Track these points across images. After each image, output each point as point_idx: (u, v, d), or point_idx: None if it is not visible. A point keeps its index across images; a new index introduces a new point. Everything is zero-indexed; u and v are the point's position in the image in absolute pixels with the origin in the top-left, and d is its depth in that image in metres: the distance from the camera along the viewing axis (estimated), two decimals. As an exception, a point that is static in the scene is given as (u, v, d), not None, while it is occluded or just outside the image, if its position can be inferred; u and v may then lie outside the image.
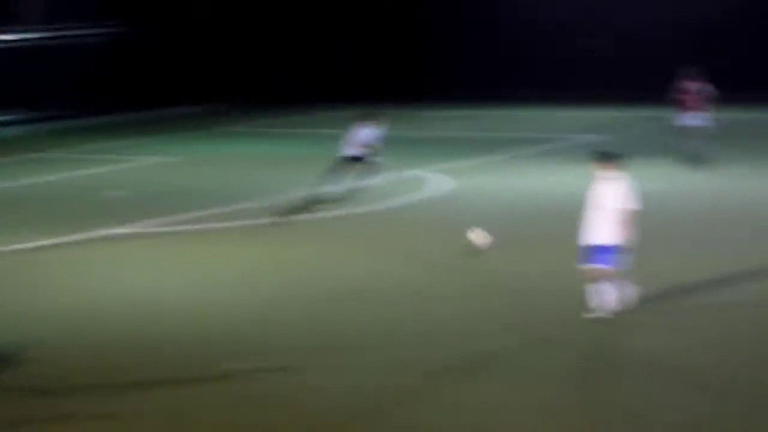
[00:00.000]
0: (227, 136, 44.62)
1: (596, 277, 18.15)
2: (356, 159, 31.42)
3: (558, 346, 17.04)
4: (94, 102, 49.79)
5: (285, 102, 54.79)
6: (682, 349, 16.65)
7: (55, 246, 24.77)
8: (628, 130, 42.14)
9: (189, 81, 53.09)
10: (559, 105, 50.53)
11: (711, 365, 15.88)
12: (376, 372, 16.11)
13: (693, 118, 34.42)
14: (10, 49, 49.38)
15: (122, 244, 25.06)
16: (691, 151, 33.37)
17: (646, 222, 20.02)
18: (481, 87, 57.02)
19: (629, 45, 56.19)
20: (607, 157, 18.73)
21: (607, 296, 18.11)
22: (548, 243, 23.68)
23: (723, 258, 21.87)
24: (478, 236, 22.36)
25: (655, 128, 41.25)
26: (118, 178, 34.26)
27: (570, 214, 22.10)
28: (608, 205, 18.13)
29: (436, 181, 31.90)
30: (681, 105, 34.61)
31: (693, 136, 33.92)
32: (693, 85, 34.65)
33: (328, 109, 51.77)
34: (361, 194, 29.98)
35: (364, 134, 31.60)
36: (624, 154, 19.57)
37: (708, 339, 17.21)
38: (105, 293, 20.86)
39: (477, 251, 22.71)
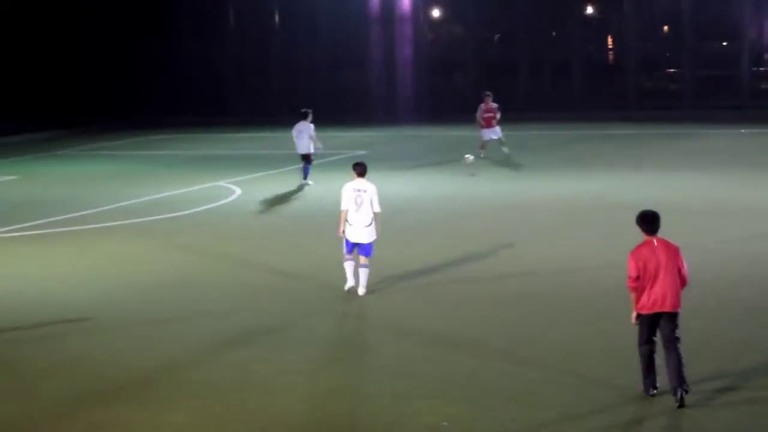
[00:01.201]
0: (53, 158, 44.29)
1: (357, 264, 19.01)
2: (306, 156, 32.75)
3: (326, 317, 17.98)
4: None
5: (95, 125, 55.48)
6: (430, 316, 17.60)
7: None
8: (393, 145, 43.60)
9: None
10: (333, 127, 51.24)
11: (451, 328, 16.84)
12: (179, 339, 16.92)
13: (493, 133, 37.13)
14: None
15: None
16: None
17: (410, 217, 21.79)
18: (263, 112, 58.67)
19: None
20: (360, 166, 19.27)
21: (363, 279, 18.96)
22: (312, 238, 24.48)
23: (463, 245, 22.88)
24: (468, 159, 31.32)
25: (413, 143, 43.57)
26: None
27: (332, 214, 24.34)
28: (363, 207, 18.82)
29: (225, 191, 32.29)
30: (486, 123, 37.11)
31: (491, 147, 36.29)
32: (492, 106, 37.22)
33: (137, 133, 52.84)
34: (169, 202, 30.30)
35: (309, 130, 32.68)
36: (382, 164, 21.33)
37: (449, 305, 18.15)
38: None
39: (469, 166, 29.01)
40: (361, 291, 19.08)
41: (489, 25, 60.57)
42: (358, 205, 18.88)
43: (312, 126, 33.13)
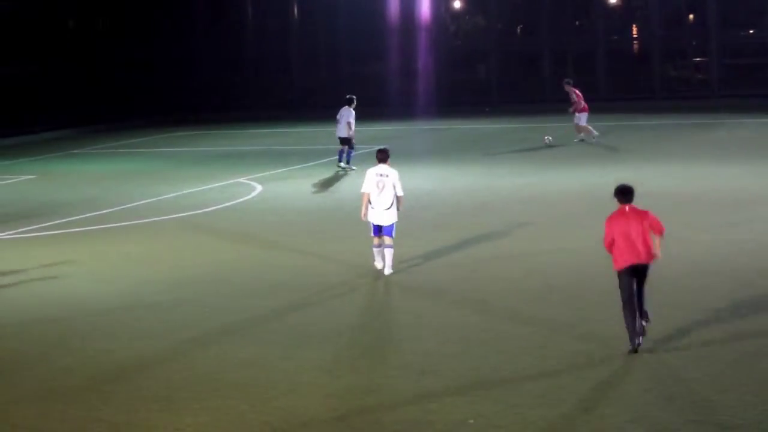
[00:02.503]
0: (71, 157, 44.49)
1: (381, 245, 20.16)
2: (345, 140, 34.39)
3: (349, 314, 18.20)
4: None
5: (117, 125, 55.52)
6: (453, 312, 17.77)
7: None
8: (412, 139, 43.62)
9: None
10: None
11: (476, 323, 17.22)
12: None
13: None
14: None
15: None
16: None
17: (430, 212, 22.14)
18: (283, 107, 58.81)
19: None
20: (383, 152, 20.44)
21: (389, 259, 20.13)
22: (333, 234, 24.54)
23: (485, 239, 23.02)
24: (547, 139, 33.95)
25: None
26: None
27: (353, 210, 24.42)
28: (386, 191, 19.92)
29: (246, 187, 32.33)
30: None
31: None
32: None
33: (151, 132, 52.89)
34: (189, 200, 30.46)
35: (348, 116, 34.41)
36: (402, 158, 21.61)
37: (473, 301, 18.18)
38: None
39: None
40: (387, 271, 20.13)
41: (511, 15, 60.44)
42: (380, 189, 19.98)
43: (353, 113, 34.81)
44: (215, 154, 42.74)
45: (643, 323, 15.27)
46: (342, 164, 34.82)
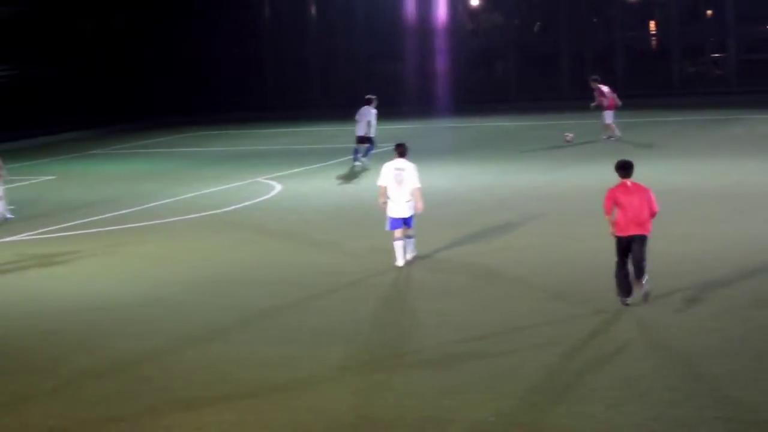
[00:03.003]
0: (90, 157, 44.70)
1: (402, 237, 20.73)
2: (362, 138, 35.07)
3: (370, 313, 18.28)
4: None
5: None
6: (474, 309, 17.84)
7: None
8: (430, 138, 43.16)
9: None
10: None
11: (496, 321, 17.29)
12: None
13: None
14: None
15: (16, 248, 24.92)
16: None
17: (449, 210, 22.34)
18: (301, 106, 58.91)
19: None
20: (401, 147, 21.21)
21: (411, 246, 20.93)
22: (352, 233, 24.56)
23: (505, 237, 23.18)
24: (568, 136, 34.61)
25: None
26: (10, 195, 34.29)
27: (372, 208, 24.47)
28: (404, 184, 20.61)
29: (264, 187, 32.39)
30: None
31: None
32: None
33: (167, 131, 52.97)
34: (208, 200, 30.59)
35: (368, 115, 35.05)
36: (419, 157, 21.84)
37: (494, 298, 18.40)
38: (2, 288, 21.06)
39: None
40: (409, 256, 20.97)
41: (529, 12, 60.36)
42: (399, 182, 20.67)
43: (374, 112, 35.40)
44: (234, 154, 42.80)
45: (642, 282, 17.01)
46: (362, 159, 35.26)
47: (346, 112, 50.84)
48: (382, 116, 36.44)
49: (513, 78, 58.16)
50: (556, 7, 57.39)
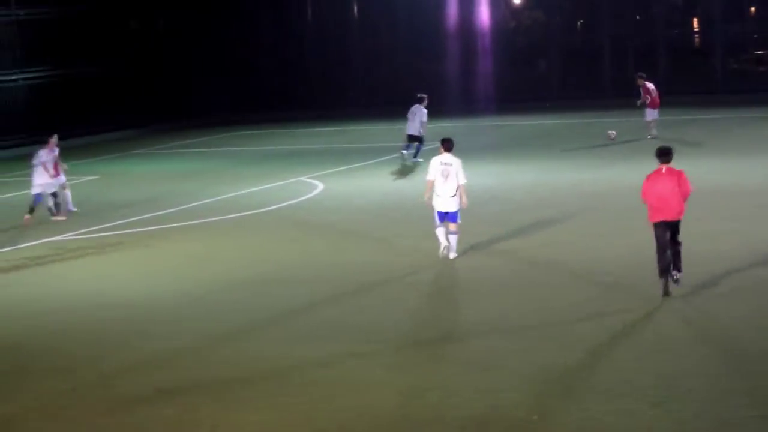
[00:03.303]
0: (132, 157, 44.91)
1: (447, 231, 21.07)
2: (413, 137, 35.38)
3: (412, 312, 18.58)
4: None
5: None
6: (516, 307, 17.82)
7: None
8: (471, 136, 43.60)
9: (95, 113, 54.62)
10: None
11: (539, 318, 17.43)
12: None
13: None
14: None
15: (65, 249, 25.18)
16: None
17: (491, 208, 22.42)
18: (344, 104, 58.96)
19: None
20: (447, 141, 21.54)
21: (454, 243, 21.19)
22: (395, 232, 24.61)
23: (548, 234, 23.30)
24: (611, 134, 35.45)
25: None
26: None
27: (415, 207, 24.52)
28: (450, 179, 21.00)
29: (307, 186, 32.43)
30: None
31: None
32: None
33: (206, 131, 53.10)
34: (249, 199, 30.75)
35: (421, 114, 35.44)
36: (461, 155, 21.95)
37: (537, 295, 18.47)
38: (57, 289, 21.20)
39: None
40: (452, 255, 21.16)
41: (571, 10, 60.09)
42: (445, 177, 21.06)
43: (425, 111, 35.59)
44: (275, 153, 42.89)
45: (674, 274, 17.58)
46: (406, 156, 35.68)
47: (388, 111, 50.95)
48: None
49: (555, 76, 57.95)
50: (598, 4, 57.11)
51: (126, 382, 15.12)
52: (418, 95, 36.33)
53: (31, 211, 28.99)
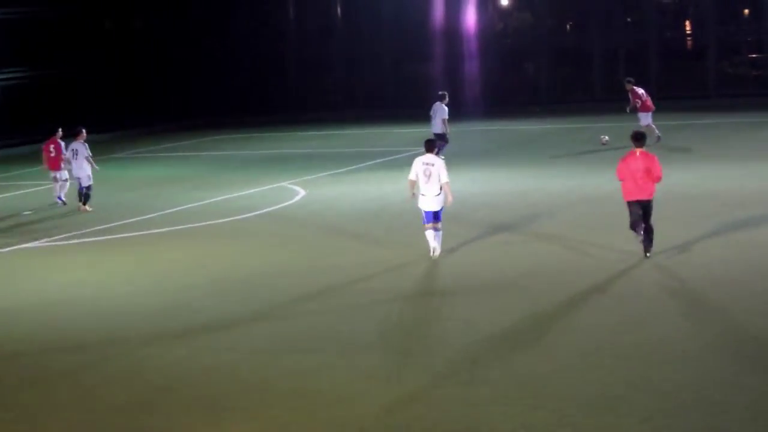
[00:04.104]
0: (112, 161, 44.61)
1: (433, 230, 21.91)
2: (439, 135, 35.96)
3: (395, 322, 18.52)
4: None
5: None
6: (502, 317, 17.86)
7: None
8: (459, 141, 43.78)
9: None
10: (396, 123, 51.68)
11: (525, 330, 17.52)
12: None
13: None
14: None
15: (38, 255, 25.27)
16: None
17: (479, 215, 22.38)
18: (323, 109, 58.98)
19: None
20: (430, 142, 22.59)
21: (438, 241, 22.08)
22: (377, 240, 24.61)
23: (537, 243, 23.61)
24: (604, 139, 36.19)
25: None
26: (29, 199, 34.73)
27: (398, 214, 24.60)
28: (432, 178, 21.77)
29: (288, 192, 32.52)
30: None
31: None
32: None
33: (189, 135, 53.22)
34: (230, 205, 30.77)
35: (443, 112, 36.40)
36: (449, 161, 22.13)
37: (523, 306, 18.74)
38: (27, 295, 21.15)
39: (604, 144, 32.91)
40: (437, 252, 22.08)
41: (560, 12, 60.28)
42: (428, 176, 21.89)
43: (446, 109, 36.54)
44: (257, 158, 42.93)
45: (647, 243, 20.37)
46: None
47: (372, 115, 51.05)
48: (410, 120, 36.57)
49: (544, 79, 58.09)
50: (588, 6, 57.28)
51: (104, 393, 15.09)
52: (439, 92, 37.65)
53: (86, 200, 31.83)
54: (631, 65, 55.23)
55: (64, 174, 32.83)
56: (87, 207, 31.64)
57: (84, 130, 32.82)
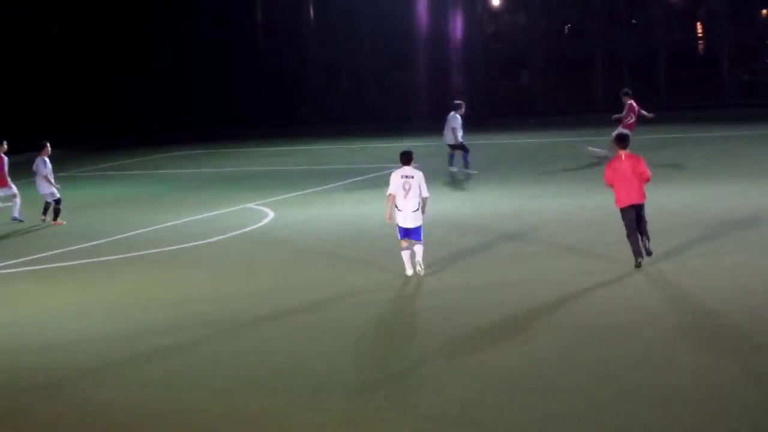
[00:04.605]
0: (58, 181, 45.01)
1: (409, 247, 22.51)
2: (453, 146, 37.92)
3: (371, 356, 18.47)
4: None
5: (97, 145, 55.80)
6: (497, 352, 18.08)
7: None
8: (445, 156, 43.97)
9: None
10: (377, 136, 51.79)
11: (521, 366, 17.68)
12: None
13: None
14: None
15: None
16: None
17: (468, 239, 22.24)
18: (298, 122, 58.99)
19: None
20: (406, 155, 22.66)
21: (419, 256, 22.61)
22: (353, 267, 24.51)
23: (532, 270, 23.54)
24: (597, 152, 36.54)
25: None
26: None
27: (377, 238, 24.50)
28: (411, 193, 22.22)
29: (255, 214, 32.47)
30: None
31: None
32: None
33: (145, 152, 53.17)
34: (189, 229, 30.72)
35: (452, 122, 37.88)
36: (435, 179, 22.14)
37: (520, 340, 18.58)
38: None
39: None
40: (418, 269, 22.67)
41: (557, 13, 60.42)
42: (406, 191, 22.31)
43: (458, 118, 38.00)
44: (221, 176, 42.85)
45: (647, 243, 22.00)
46: (462, 169, 37.89)
47: (349, 129, 50.97)
48: (392, 133, 36.60)
49: (539, 88, 58.15)
50: (588, 6, 57.38)
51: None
52: (454, 101, 39.04)
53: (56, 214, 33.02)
54: (636, 72, 55.30)
55: (11, 190, 33.14)
56: (60, 221, 32.80)
57: (47, 145, 33.45)
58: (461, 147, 38.21)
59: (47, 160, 33.13)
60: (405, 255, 22.59)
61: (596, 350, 17.25)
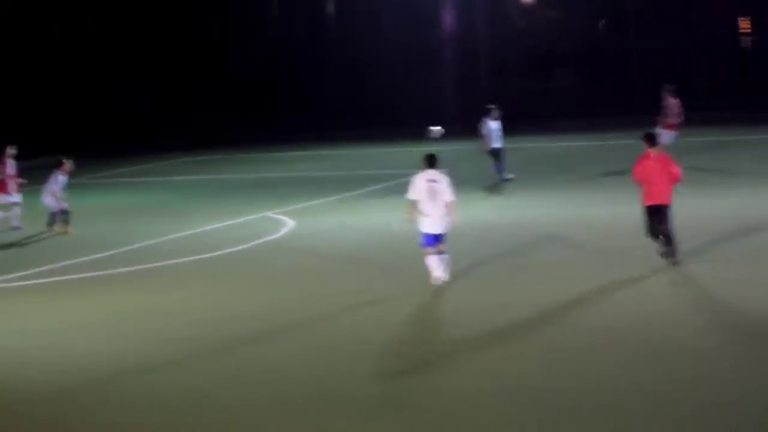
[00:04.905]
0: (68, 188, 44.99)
1: (435, 252, 22.59)
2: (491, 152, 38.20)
3: (389, 374, 18.32)
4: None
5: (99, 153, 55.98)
6: (519, 370, 17.78)
7: None
8: (473, 162, 42.59)
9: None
10: (399, 141, 51.71)
11: (541, 385, 17.32)
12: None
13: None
14: None
15: None
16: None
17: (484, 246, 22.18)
18: (311, 128, 58.96)
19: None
20: (431, 158, 22.86)
21: (445, 264, 22.83)
22: (376, 280, 24.54)
23: (554, 282, 22.96)
24: None
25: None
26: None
27: (398, 249, 24.61)
28: (437, 198, 22.37)
29: (273, 223, 32.50)
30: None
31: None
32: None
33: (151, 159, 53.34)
34: (203, 240, 30.71)
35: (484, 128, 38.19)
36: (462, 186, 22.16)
37: (537, 357, 18.38)
38: None
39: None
40: (445, 277, 22.77)
41: (592, 8, 60.36)
42: (432, 195, 22.48)
43: (489, 123, 38.18)
44: (238, 183, 42.90)
45: (663, 246, 22.47)
46: (502, 177, 38.28)
47: (371, 133, 50.98)
48: (412, 137, 36.50)
49: (573, 87, 58.09)
50: (624, 1, 57.30)
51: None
52: (487, 106, 39.25)
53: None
54: (675, 71, 55.02)
55: (13, 197, 33.51)
56: (69, 228, 33.23)
57: (67, 163, 34.15)
58: (494, 153, 38.37)
59: (61, 177, 33.56)
60: (432, 260, 22.73)
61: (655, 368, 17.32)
